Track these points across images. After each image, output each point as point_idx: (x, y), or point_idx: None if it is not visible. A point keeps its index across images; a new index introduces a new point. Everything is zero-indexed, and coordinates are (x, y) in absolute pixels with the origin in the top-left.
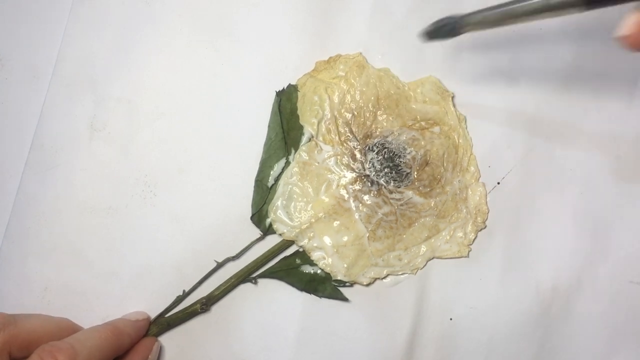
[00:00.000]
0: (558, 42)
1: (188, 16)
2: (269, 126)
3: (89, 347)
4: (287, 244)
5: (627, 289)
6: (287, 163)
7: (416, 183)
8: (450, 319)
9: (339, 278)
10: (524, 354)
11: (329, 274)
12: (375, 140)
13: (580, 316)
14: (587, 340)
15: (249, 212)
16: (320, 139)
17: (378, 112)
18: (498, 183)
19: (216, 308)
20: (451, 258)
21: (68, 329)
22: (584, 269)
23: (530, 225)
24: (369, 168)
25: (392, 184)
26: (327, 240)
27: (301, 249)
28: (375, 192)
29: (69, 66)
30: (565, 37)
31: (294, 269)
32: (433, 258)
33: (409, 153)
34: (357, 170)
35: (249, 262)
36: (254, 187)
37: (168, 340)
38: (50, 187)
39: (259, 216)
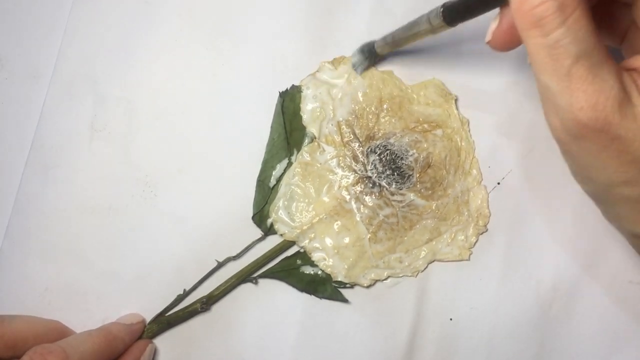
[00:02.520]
0: None
1: (188, 16)
2: (271, 127)
3: (81, 351)
4: (288, 244)
5: (627, 289)
6: (289, 163)
7: (418, 185)
8: (451, 319)
9: (339, 279)
10: (525, 354)
11: (329, 275)
12: (378, 142)
13: (580, 316)
14: (587, 340)
15: (250, 212)
16: (323, 140)
17: (381, 114)
18: (498, 183)
19: (216, 308)
20: (452, 261)
21: (57, 331)
22: (584, 269)
23: (530, 225)
24: (371, 170)
25: (393, 186)
26: (328, 241)
27: (302, 250)
28: (377, 194)
29: (69, 66)
30: None
31: (295, 270)
32: (434, 261)
33: (411, 155)
34: (359, 172)
35: (250, 262)
36: (256, 187)
37: (168, 339)
38: (50, 187)
39: (260, 216)
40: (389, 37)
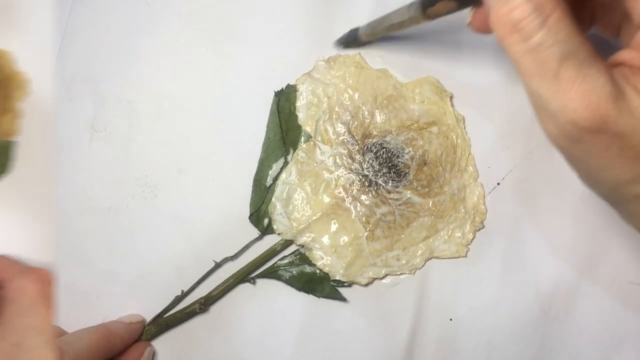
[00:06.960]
0: None
1: (188, 16)
2: (267, 126)
3: (77, 348)
4: (285, 243)
5: (627, 289)
6: (286, 163)
7: (414, 183)
8: (450, 320)
9: (337, 278)
10: (524, 354)
11: (327, 274)
12: (374, 141)
13: (580, 316)
14: (587, 340)
15: (247, 212)
16: (319, 139)
17: (376, 112)
18: (498, 184)
19: (215, 308)
20: (449, 258)
21: (56, 335)
22: (584, 269)
23: (530, 225)
24: (368, 168)
25: (390, 184)
26: (325, 240)
27: (299, 249)
28: (374, 192)
29: (69, 66)
30: None
31: (292, 269)
32: (431, 258)
33: (407, 153)
34: (355, 171)
35: (248, 262)
36: (253, 186)
37: (167, 340)
38: None
39: (258, 216)
40: (372, 26)
